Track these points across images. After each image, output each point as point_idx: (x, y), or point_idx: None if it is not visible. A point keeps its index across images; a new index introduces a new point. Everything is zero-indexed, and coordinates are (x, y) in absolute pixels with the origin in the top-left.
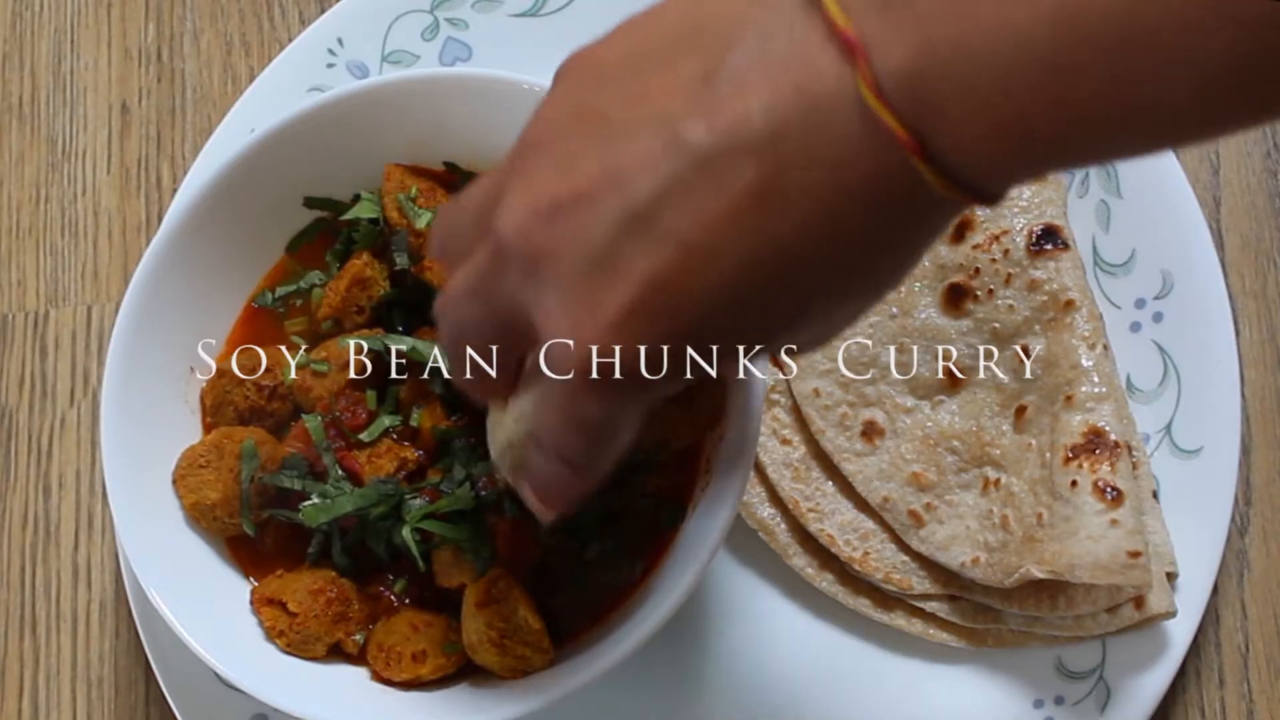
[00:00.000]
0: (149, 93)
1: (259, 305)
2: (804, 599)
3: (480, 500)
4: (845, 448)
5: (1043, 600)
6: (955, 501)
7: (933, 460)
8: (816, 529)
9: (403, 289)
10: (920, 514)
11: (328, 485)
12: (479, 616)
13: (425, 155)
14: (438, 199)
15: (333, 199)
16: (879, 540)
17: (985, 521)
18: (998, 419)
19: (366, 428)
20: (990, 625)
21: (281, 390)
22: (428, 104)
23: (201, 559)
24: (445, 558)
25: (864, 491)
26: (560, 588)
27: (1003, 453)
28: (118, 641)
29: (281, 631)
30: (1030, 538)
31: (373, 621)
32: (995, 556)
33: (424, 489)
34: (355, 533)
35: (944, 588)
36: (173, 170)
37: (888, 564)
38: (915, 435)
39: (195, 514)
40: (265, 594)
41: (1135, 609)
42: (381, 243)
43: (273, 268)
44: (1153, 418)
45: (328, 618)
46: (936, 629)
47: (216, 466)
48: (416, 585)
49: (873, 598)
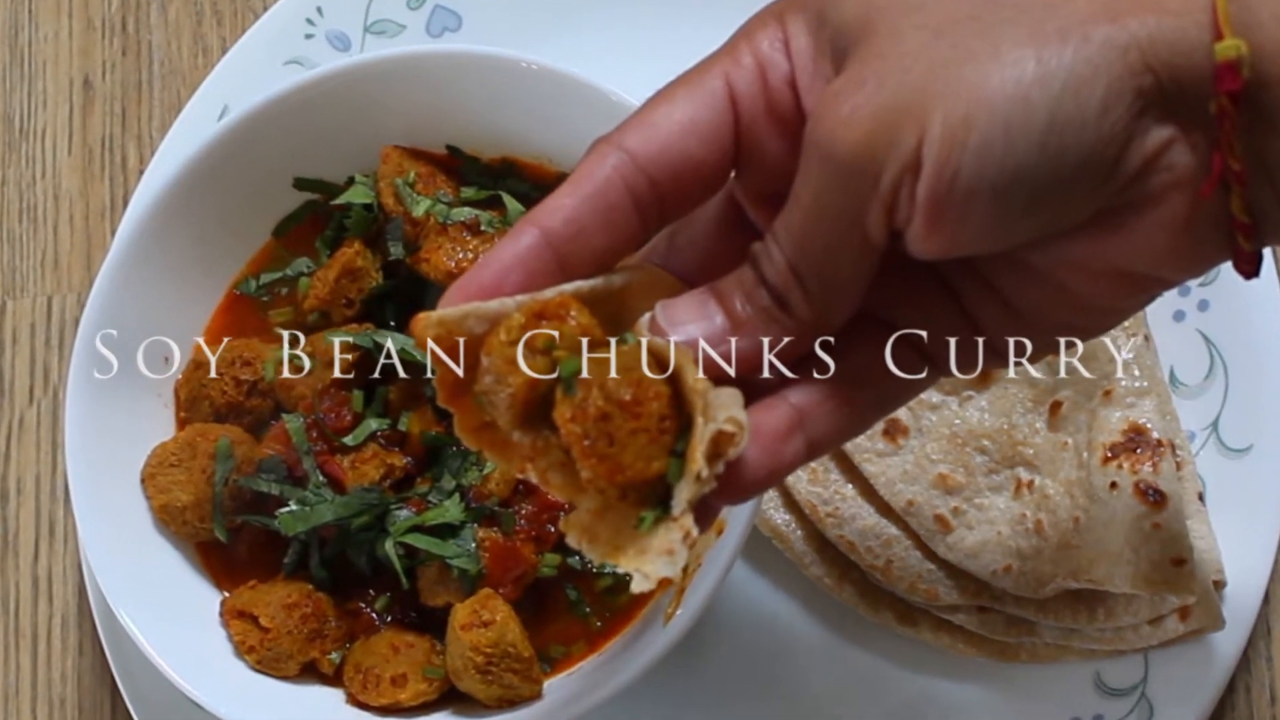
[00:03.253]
0: (113, 66)
1: (242, 292)
2: (822, 611)
3: (470, 513)
4: (866, 447)
5: (1080, 611)
6: (985, 505)
7: (961, 461)
8: (835, 535)
9: (396, 281)
10: (947, 519)
11: (307, 491)
12: (464, 640)
13: (426, 137)
14: (438, 185)
15: (325, 181)
16: (903, 547)
17: (1017, 527)
18: (1031, 416)
19: (351, 430)
20: (1023, 639)
21: (261, 386)
22: (427, 83)
23: (170, 567)
24: (430, 574)
25: (886, 495)
26: (554, 611)
27: (1036, 452)
28: (81, 659)
29: (252, 647)
30: (1066, 544)
31: (350, 640)
32: (1028, 564)
33: (410, 499)
34: (335, 544)
35: (973, 599)
36: (139, 150)
37: (912, 573)
38: (942, 434)
39: (164, 516)
40: (236, 606)
41: (1180, 620)
42: (375, 231)
43: (258, 252)
44: (1198, 414)
45: (302, 634)
46: (965, 643)
47: (188, 466)
48: (399, 603)
49: (896, 610)
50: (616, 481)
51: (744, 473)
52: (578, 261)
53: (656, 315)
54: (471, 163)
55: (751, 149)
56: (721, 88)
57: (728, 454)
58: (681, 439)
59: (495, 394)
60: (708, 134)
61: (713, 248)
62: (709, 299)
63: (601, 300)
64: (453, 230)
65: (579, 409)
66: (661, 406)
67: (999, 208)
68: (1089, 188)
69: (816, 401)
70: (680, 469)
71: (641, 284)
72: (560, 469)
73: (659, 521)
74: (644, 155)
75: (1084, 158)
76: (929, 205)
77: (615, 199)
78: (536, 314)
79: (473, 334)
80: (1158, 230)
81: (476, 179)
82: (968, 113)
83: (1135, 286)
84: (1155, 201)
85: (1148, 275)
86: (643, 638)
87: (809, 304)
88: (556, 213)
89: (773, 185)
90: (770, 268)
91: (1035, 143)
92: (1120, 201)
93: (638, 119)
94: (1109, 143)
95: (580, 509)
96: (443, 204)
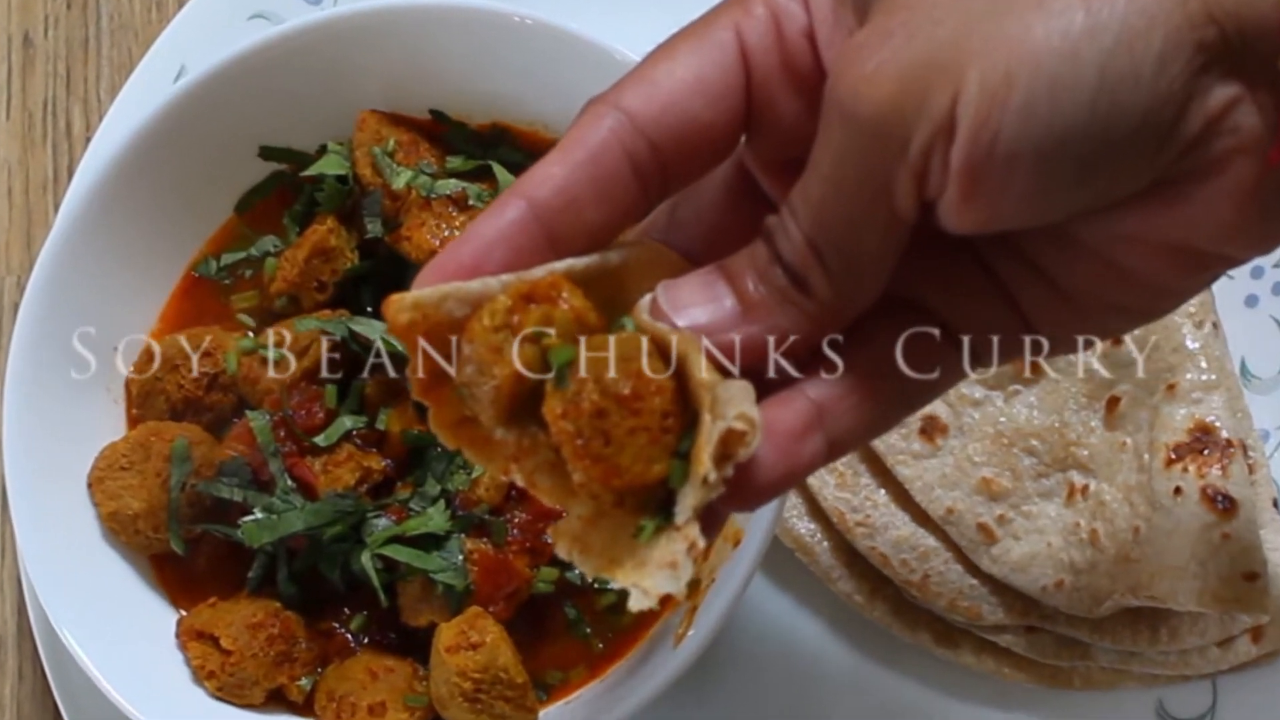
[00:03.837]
0: (56, 21)
1: (200, 275)
2: (851, 632)
3: (457, 522)
4: (901, 448)
5: (1140, 632)
6: (1034, 513)
7: (1006, 463)
8: (866, 546)
9: (374, 262)
10: (992, 528)
11: (274, 497)
12: (450, 664)
13: (407, 101)
14: (420, 154)
15: (294, 150)
16: (941, 560)
17: (1070, 537)
18: (1085, 413)
19: (324, 430)
20: (1076, 662)
21: (223, 380)
22: (409, 40)
23: (120, 581)
24: (412, 591)
25: (923, 501)
26: (551, 632)
27: (1091, 453)
28: (21, 685)
29: (212, 672)
30: (1125, 556)
31: (323, 665)
32: (1082, 579)
33: (390, 506)
34: (305, 556)
35: (1020, 617)
36: (85, 115)
37: (952, 588)
38: (985, 433)
39: (114, 525)
40: (195, 626)
41: (1252, 642)
42: (350, 205)
43: (218, 230)
44: (1272, 411)
45: (268, 658)
46: (1011, 667)
47: (141, 469)
48: (377, 623)
49: (934, 630)
50: (613, 486)
51: (756, 476)
52: (570, 236)
53: (658, 298)
54: (458, 129)
55: (764, 110)
56: (731, 40)
57: (738, 455)
58: (686, 438)
59: (477, 386)
60: (715, 92)
61: (721, 221)
62: (717, 279)
63: (596, 280)
64: (437, 205)
65: (571, 404)
66: (664, 402)
67: (1043, 176)
68: (1144, 153)
69: (838, 395)
70: (684, 472)
71: (641, 262)
72: (549, 470)
73: (660, 531)
74: (644, 117)
75: (1139, 120)
76: (964, 173)
77: (612, 166)
78: (524, 296)
79: (452, 318)
80: (1221, 200)
81: (464, 147)
82: (1008, 69)
83: (1197, 264)
84: (1218, 168)
85: (1210, 251)
86: (650, 662)
87: (830, 284)
88: (546, 182)
89: (788, 150)
90: (786, 244)
91: (1084, 103)
92: (1179, 169)
93: (637, 76)
94: (1166, 102)
95: (571, 515)
96: (426, 175)
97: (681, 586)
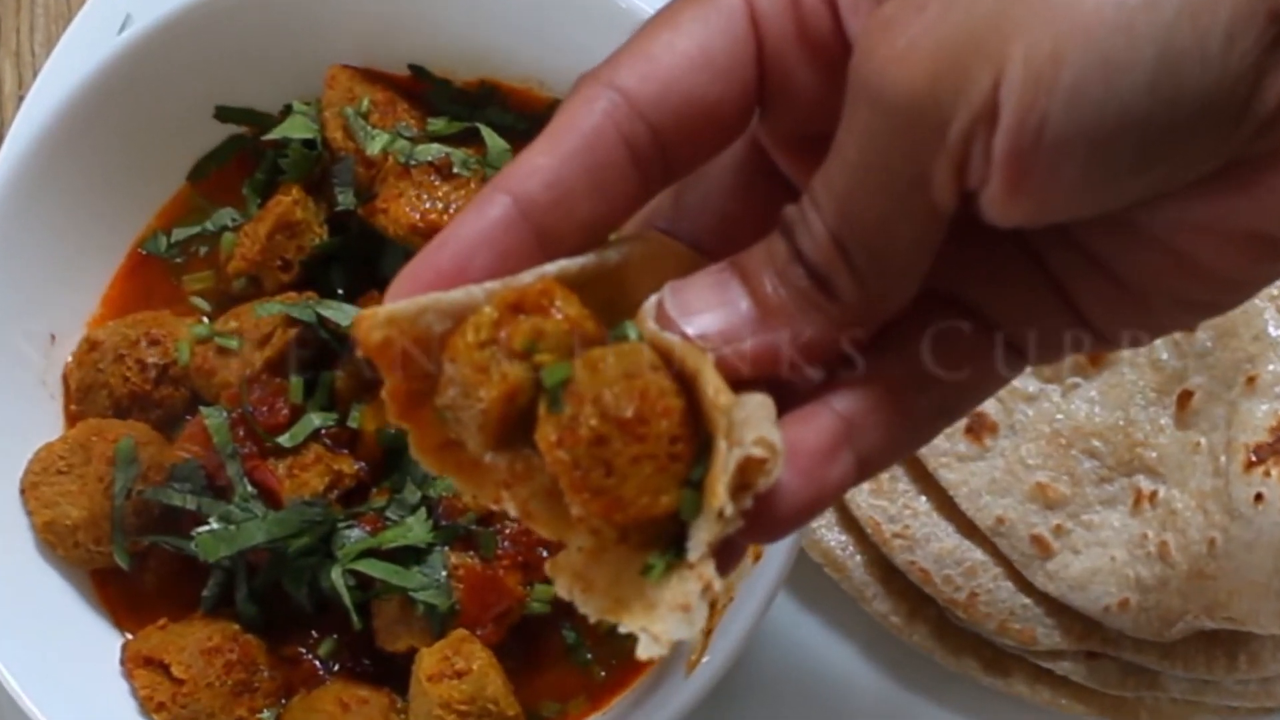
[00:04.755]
0: None
1: (148, 252)
2: (888, 657)
3: (440, 534)
4: (944, 450)
5: (1216, 659)
6: (1095, 523)
7: (1064, 466)
8: (904, 561)
9: (345, 237)
10: (1047, 540)
11: (232, 505)
12: (433, 694)
13: (383, 55)
14: (398, 115)
15: (255, 111)
16: (990, 576)
17: (1136, 550)
18: (1153, 409)
19: (288, 428)
20: (1144, 693)
21: (174, 372)
22: None
23: (57, 600)
24: (389, 611)
25: (970, 510)
26: (547, 658)
27: (1160, 455)
28: None
29: (162, 704)
30: (1199, 572)
31: (288, 695)
32: (1151, 598)
33: (364, 515)
34: (267, 572)
35: (1079, 641)
36: (18, 71)
37: (1003, 609)
38: (1040, 432)
39: (49, 537)
40: (142, 652)
41: None
42: (319, 173)
43: (169, 201)
44: None
45: (225, 688)
46: (1069, 698)
47: (81, 473)
48: (349, 648)
49: (982, 656)
50: (615, 521)
51: (778, 505)
52: (561, 234)
53: (665, 301)
54: (441, 87)
55: (779, 84)
56: (739, 6)
57: (757, 485)
58: (698, 464)
59: (462, 410)
60: (723, 66)
61: (733, 207)
62: (731, 279)
63: (594, 283)
64: (417, 173)
65: (567, 430)
66: (672, 425)
67: (1098, 164)
68: (1213, 136)
69: (867, 407)
70: (697, 503)
71: (643, 258)
72: (546, 497)
73: (671, 569)
74: (642, 96)
75: (1206, 100)
76: (1009, 162)
77: (607, 154)
78: (512, 306)
79: (432, 333)
80: None
81: (448, 107)
82: (1055, 46)
83: (1272, 252)
84: None
85: None
86: (658, 692)
87: (857, 286)
88: (533, 175)
89: (808, 126)
90: (808, 239)
91: (1142, 83)
92: (1253, 151)
93: (634, 50)
94: (1237, 80)
95: (572, 548)
96: (404, 139)
97: (695, 631)
